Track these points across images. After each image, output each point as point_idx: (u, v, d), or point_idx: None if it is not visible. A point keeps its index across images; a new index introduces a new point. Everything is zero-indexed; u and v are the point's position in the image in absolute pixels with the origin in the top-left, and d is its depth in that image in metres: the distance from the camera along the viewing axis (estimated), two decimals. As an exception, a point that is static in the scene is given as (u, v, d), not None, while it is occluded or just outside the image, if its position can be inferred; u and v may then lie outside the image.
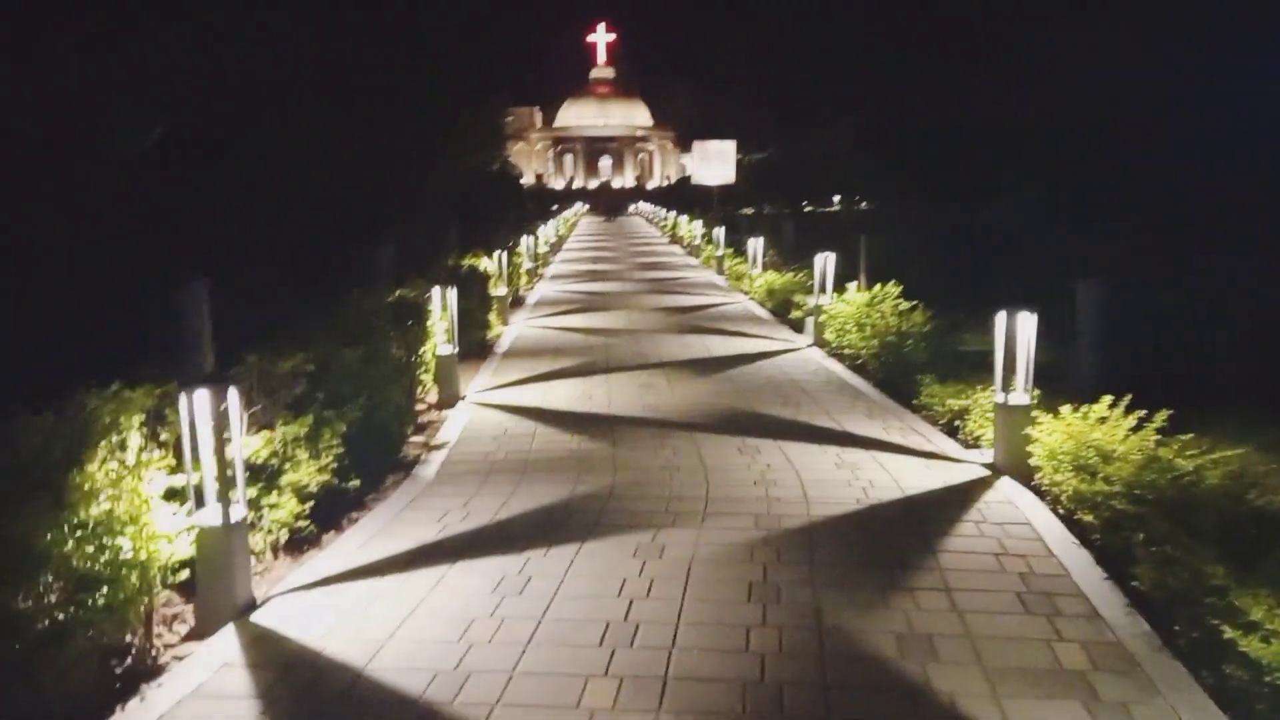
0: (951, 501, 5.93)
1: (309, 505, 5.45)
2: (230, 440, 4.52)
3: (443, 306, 9.32)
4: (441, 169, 31.47)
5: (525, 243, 22.06)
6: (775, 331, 13.42)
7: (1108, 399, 6.12)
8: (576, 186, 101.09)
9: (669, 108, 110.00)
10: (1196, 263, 11.16)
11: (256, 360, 5.69)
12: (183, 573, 4.54)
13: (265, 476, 5.33)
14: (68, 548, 3.80)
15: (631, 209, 74.01)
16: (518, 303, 17.54)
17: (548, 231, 31.25)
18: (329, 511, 5.83)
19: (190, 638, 4.38)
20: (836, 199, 58.78)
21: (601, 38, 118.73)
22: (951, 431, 7.59)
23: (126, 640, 4.10)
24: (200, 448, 4.39)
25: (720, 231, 23.21)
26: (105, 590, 3.87)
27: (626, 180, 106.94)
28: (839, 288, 12.01)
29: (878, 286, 10.96)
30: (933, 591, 4.57)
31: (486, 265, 15.58)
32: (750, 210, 47.38)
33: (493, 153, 55.93)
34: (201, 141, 16.51)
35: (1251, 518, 4.45)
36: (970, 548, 5.13)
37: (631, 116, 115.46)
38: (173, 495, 4.62)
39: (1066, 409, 6.16)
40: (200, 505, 4.47)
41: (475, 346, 12.16)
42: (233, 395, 4.50)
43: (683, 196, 58.91)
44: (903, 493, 6.09)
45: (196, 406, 4.37)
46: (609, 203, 68.15)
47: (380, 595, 4.65)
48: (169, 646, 4.29)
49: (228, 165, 16.05)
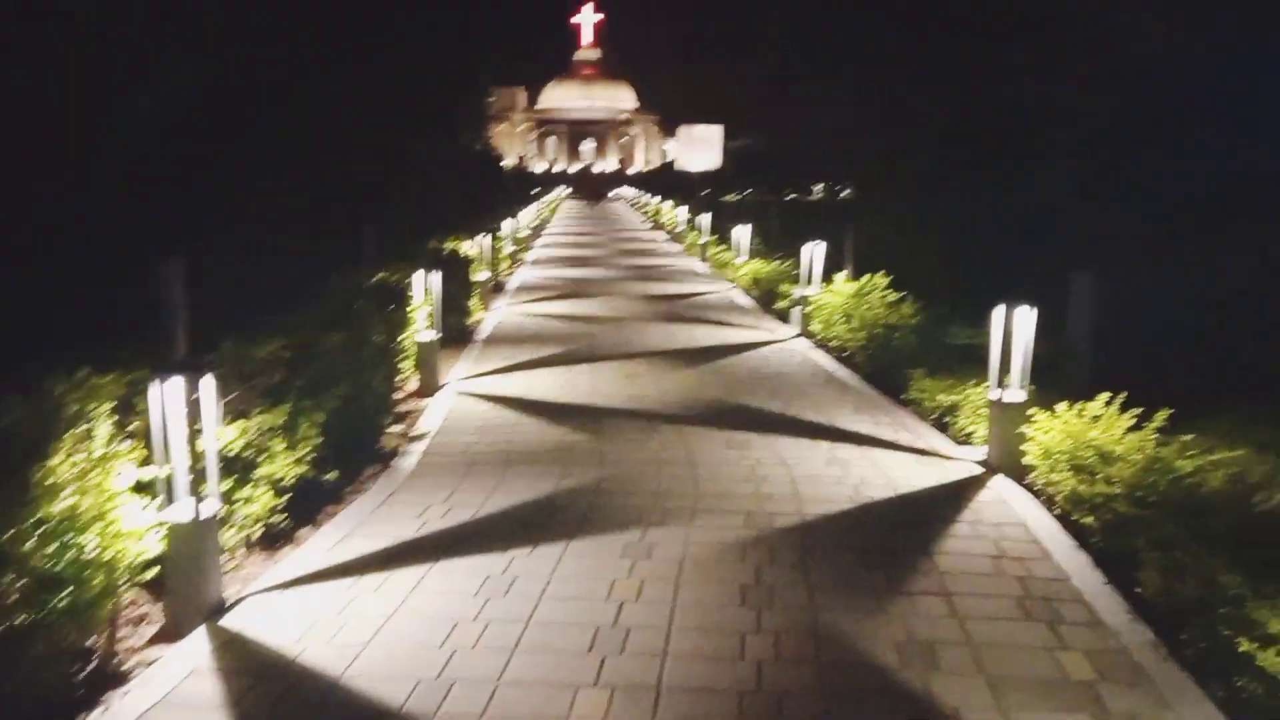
0: (945, 500, 5.80)
1: (284, 499, 5.25)
2: (203, 432, 4.33)
3: (425, 291, 9.11)
4: (425, 149, 31.14)
5: (507, 226, 21.80)
6: (761, 321, 13.27)
7: (1103, 396, 6.01)
8: (558, 170, 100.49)
9: (654, 91, 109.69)
10: (1199, 257, 11.07)
11: (232, 345, 5.48)
12: (151, 570, 4.34)
13: (239, 468, 5.13)
14: (29, 546, 3.60)
15: (613, 194, 73.67)
16: (498, 288, 17.31)
17: (529, 215, 30.98)
18: (305, 505, 5.63)
19: (158, 640, 4.18)
20: (818, 187, 58.75)
21: (588, 18, 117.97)
22: (942, 427, 7.47)
23: (89, 644, 3.91)
24: (172, 439, 4.19)
25: (705, 218, 23.02)
26: (68, 591, 3.67)
27: (609, 165, 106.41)
28: (826, 278, 11.87)
29: (865, 277, 10.82)
30: (931, 596, 4.43)
31: (468, 249, 15.36)
32: (735, 196, 47.19)
33: (475, 134, 55.54)
34: (186, 121, 16.20)
35: (1260, 523, 4.32)
36: (967, 550, 5.00)
37: (616, 99, 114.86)
38: (142, 489, 4.42)
39: (1062, 407, 6.03)
40: (171, 500, 4.27)
41: (456, 332, 11.94)
42: (208, 384, 4.29)
43: (666, 182, 58.72)
44: (895, 491, 5.95)
45: (169, 395, 4.16)
46: (591, 187, 67.76)
47: (358, 596, 4.47)
48: (135, 650, 4.09)
49: (211, 145, 15.74)
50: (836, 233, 12.76)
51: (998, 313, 6.36)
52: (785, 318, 13.04)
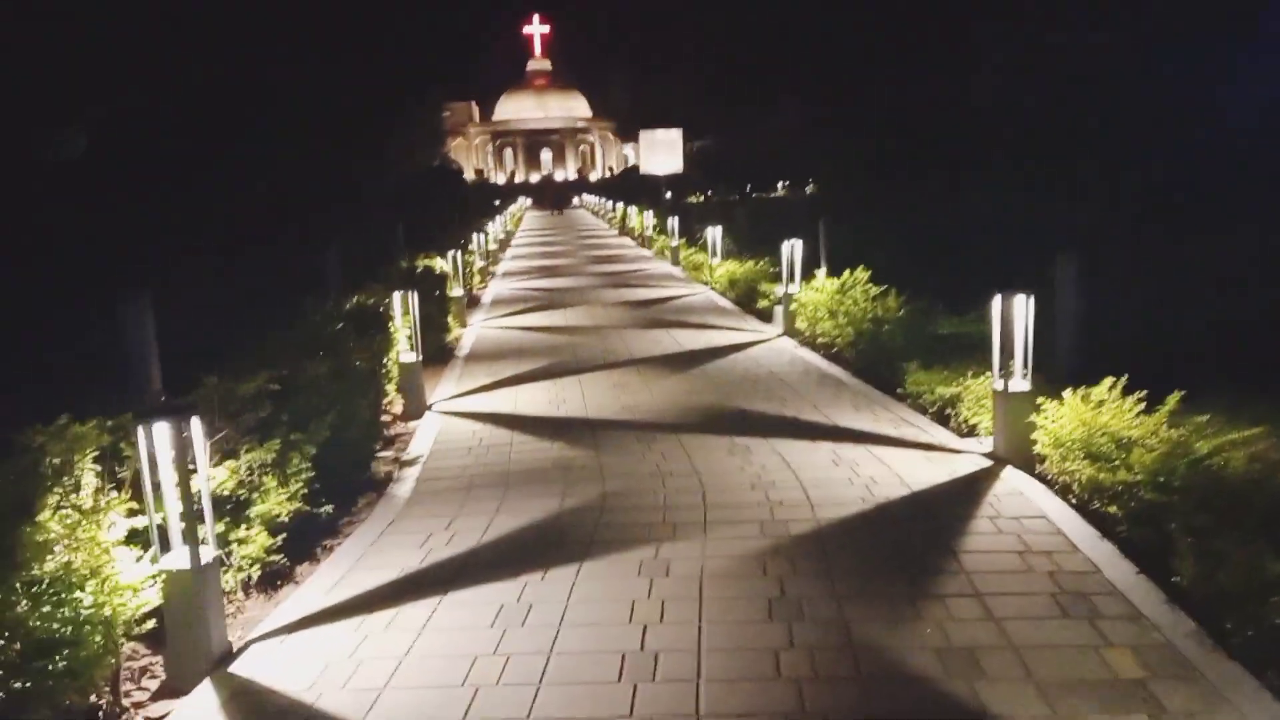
0: (959, 496, 5.68)
1: (281, 537, 5.04)
2: (195, 474, 4.12)
3: (404, 311, 8.90)
4: (381, 168, 30.82)
5: (477, 240, 21.56)
6: (743, 322, 13.14)
7: (1108, 381, 5.92)
8: (519, 180, 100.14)
9: (608, 98, 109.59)
10: (1175, 240, 11.09)
11: (216, 382, 5.25)
12: (149, 622, 4.12)
13: (232, 509, 4.91)
14: (22, 609, 3.38)
15: (576, 201, 73.42)
16: (473, 302, 17.08)
17: (496, 228, 30.73)
18: (302, 541, 5.42)
19: (161, 694, 3.96)
20: (781, 185, 58.85)
21: (537, 29, 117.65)
22: (943, 420, 7.36)
23: (93, 702, 3.69)
24: (162, 485, 3.97)
25: (674, 221, 22.91)
26: (66, 652, 3.45)
27: (569, 173, 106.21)
28: (806, 275, 11.77)
29: (846, 273, 10.73)
30: (963, 598, 4.30)
31: (441, 265, 15.13)
32: (699, 198, 47.13)
33: (432, 149, 55.16)
34: (134, 152, 15.87)
35: (1292, 503, 4.23)
36: (991, 546, 4.87)
37: (570, 108, 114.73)
38: (134, 537, 4.20)
39: (1069, 394, 5.94)
40: (166, 548, 4.05)
41: (435, 351, 11.71)
42: (195, 425, 4.08)
43: (627, 187, 58.54)
44: (908, 489, 5.82)
45: (156, 439, 3.95)
46: (553, 195, 67.37)
47: (369, 635, 4.26)
48: (139, 706, 3.87)
49: (160, 175, 15.41)
50: (806, 230, 12.68)
51: (996, 302, 6.26)
52: (768, 317, 12.93)
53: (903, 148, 19.71)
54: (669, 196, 48.43)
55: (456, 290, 14.71)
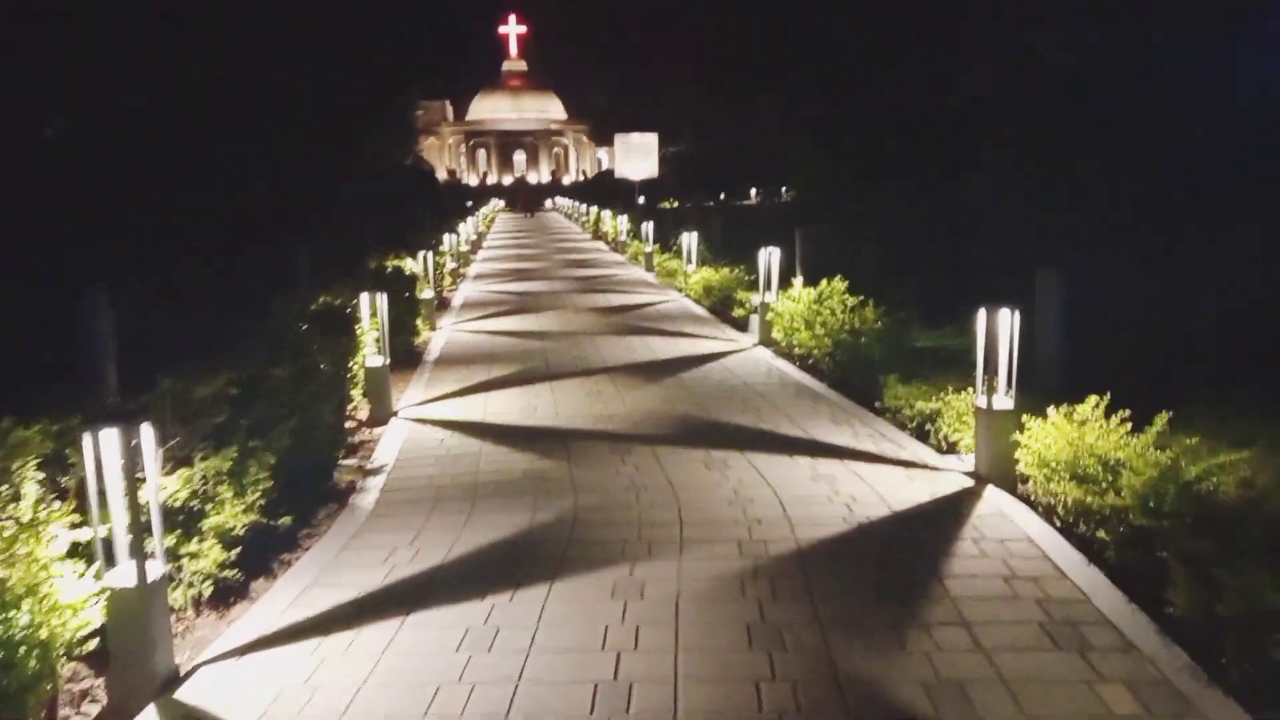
0: (942, 516, 5.52)
1: (235, 551, 4.78)
2: (145, 484, 3.87)
3: (371, 313, 8.64)
4: (354, 164, 30.44)
5: (448, 241, 21.28)
6: (718, 330, 12.97)
7: (1093, 399, 5.80)
8: (491, 182, 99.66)
9: (583, 101, 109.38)
10: (1161, 250, 11.03)
11: (171, 385, 4.99)
12: (92, 641, 3.87)
13: (184, 520, 4.66)
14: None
15: (549, 204, 73.11)
16: (443, 305, 16.79)
17: (468, 229, 30.42)
18: (257, 554, 5.17)
19: (102, 720, 3.72)
20: (755, 191, 58.86)
21: (513, 29, 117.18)
22: (922, 435, 7.22)
23: (26, 732, 3.44)
24: (109, 496, 3.72)
25: (649, 227, 22.73)
26: (-4, 679, 3.21)
27: (542, 175, 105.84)
28: (782, 284, 11.62)
29: (824, 282, 10.59)
30: (950, 626, 4.13)
31: (412, 266, 14.86)
32: (673, 203, 46.99)
33: (405, 148, 54.74)
34: (99, 139, 15.49)
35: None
36: (976, 570, 4.72)
37: (545, 110, 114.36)
38: (78, 551, 3.95)
39: (1053, 412, 5.81)
40: (111, 563, 3.80)
41: (404, 354, 11.46)
42: (146, 432, 3.84)
43: (602, 190, 58.35)
44: (889, 508, 5.66)
45: (103, 447, 3.70)
46: (526, 198, 66.96)
47: (326, 659, 4.03)
48: (77, 735, 3.63)
49: (126, 164, 15.04)
50: (781, 238, 12.55)
51: (980, 316, 6.12)
52: (743, 326, 12.77)
53: (881, 153, 19.62)
54: (643, 201, 48.34)
55: (427, 292, 14.45)
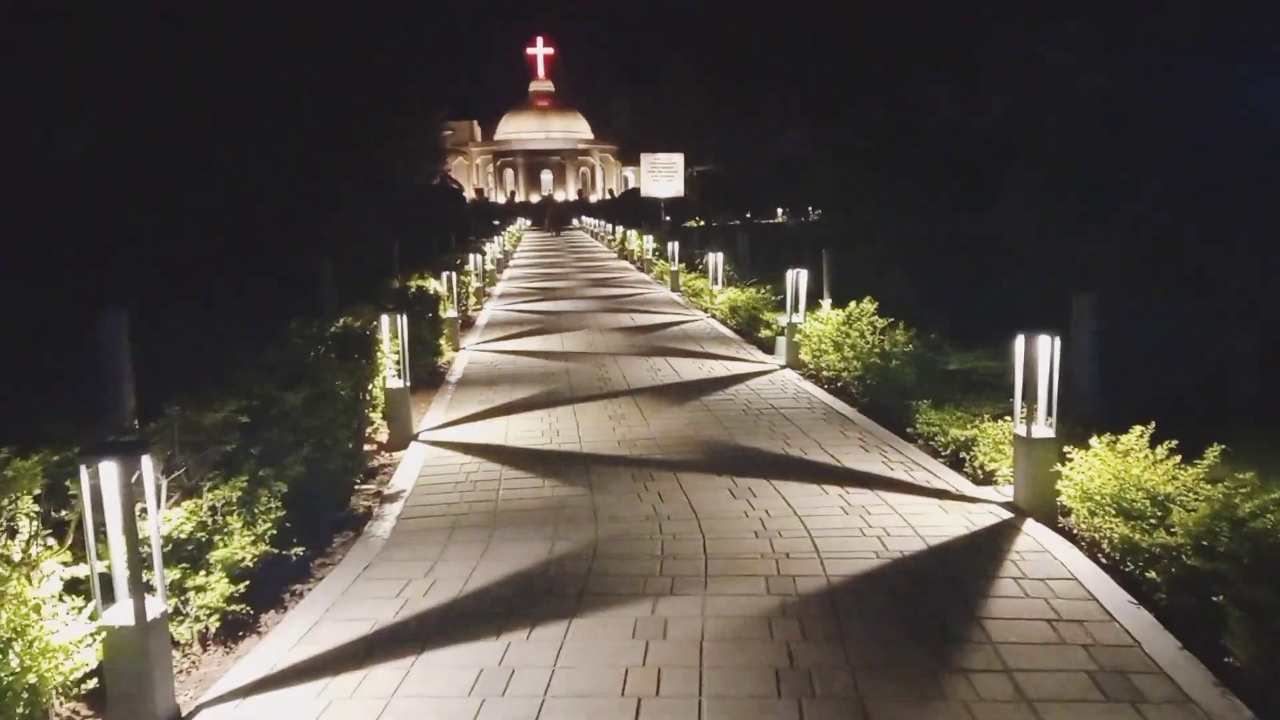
0: (980, 552, 5.27)
1: (243, 585, 4.61)
2: (146, 519, 3.71)
3: (392, 335, 8.49)
4: (381, 184, 30.54)
5: (473, 261, 21.18)
6: (744, 352, 12.75)
7: (1137, 429, 5.54)
8: (519, 200, 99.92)
9: (610, 121, 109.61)
10: (1204, 272, 10.74)
11: (178, 412, 4.84)
12: (92, 681, 3.71)
13: (190, 552, 4.50)
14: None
15: (575, 223, 73.17)
16: (467, 324, 16.68)
17: (494, 248, 30.37)
18: (268, 584, 5.01)
19: (98, 767, 3.54)
20: (781, 211, 58.66)
21: (540, 51, 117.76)
22: (957, 464, 6.96)
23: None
24: (108, 531, 3.56)
25: (674, 246, 22.56)
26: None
27: (569, 194, 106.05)
28: (810, 305, 11.40)
29: (852, 304, 10.35)
30: (991, 674, 3.88)
31: (436, 286, 14.75)
32: (699, 222, 46.87)
33: (433, 167, 54.99)
34: (126, 158, 15.53)
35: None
36: (1018, 612, 4.46)
37: (572, 129, 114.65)
38: (77, 587, 3.79)
39: (1096, 441, 5.55)
40: (109, 601, 3.64)
41: (426, 375, 11.33)
42: (147, 464, 3.68)
43: (627, 209, 58.30)
44: (924, 543, 5.41)
45: (102, 480, 3.54)
46: (553, 216, 67.00)
47: (333, 701, 3.84)
48: (71, 783, 3.45)
49: (153, 182, 15.05)
50: (809, 258, 12.32)
51: (1019, 342, 5.88)
52: (770, 347, 12.54)
53: (910, 172, 19.39)
54: (668, 220, 48.20)
55: (450, 312, 14.32)
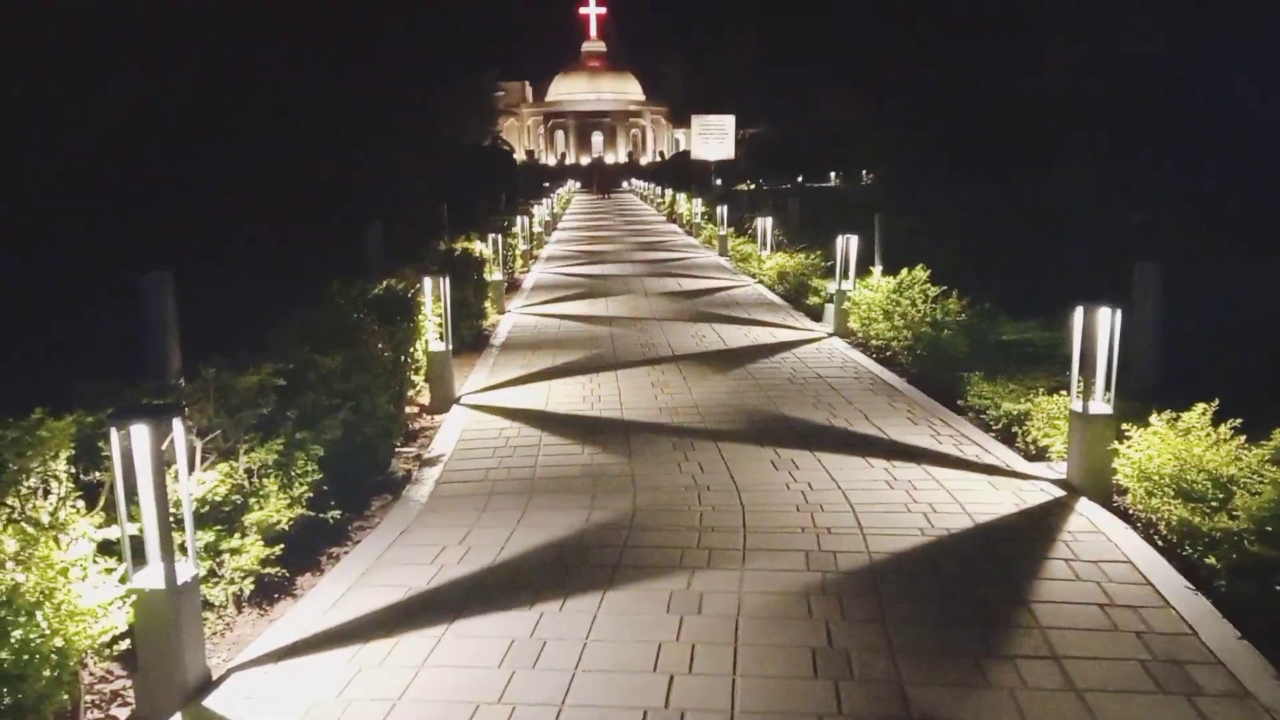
0: (1030, 531, 5.09)
1: (278, 547, 4.59)
2: (177, 482, 3.69)
3: (434, 298, 8.44)
4: (431, 144, 30.51)
5: (520, 223, 21.11)
6: (791, 319, 12.54)
7: (1200, 406, 5.31)
8: (569, 163, 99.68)
9: (661, 82, 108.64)
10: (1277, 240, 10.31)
11: (213, 375, 4.82)
12: (124, 642, 3.70)
13: (226, 515, 4.48)
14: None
15: (625, 185, 72.83)
16: (513, 287, 16.64)
17: (543, 210, 30.28)
18: (304, 547, 5.00)
19: (129, 727, 3.54)
20: (835, 175, 57.83)
21: (593, 10, 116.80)
22: (1008, 438, 6.76)
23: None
24: (140, 494, 3.53)
25: (724, 210, 22.28)
26: (9, 689, 3.03)
27: (619, 156, 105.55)
28: (860, 272, 11.15)
29: (904, 271, 10.10)
30: (1038, 660, 3.74)
31: (481, 249, 14.69)
32: (750, 185, 46.34)
33: (484, 128, 54.93)
34: (173, 115, 15.61)
35: None
36: (1068, 596, 4.30)
37: (624, 91, 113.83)
38: (110, 549, 3.78)
39: (1156, 419, 5.33)
40: (140, 563, 3.62)
41: (471, 337, 11.30)
42: (178, 426, 3.64)
43: (677, 172, 57.87)
44: (972, 520, 5.25)
45: (134, 442, 3.51)
46: (602, 179, 66.70)
47: (362, 669, 3.80)
48: (100, 743, 3.45)
49: (200, 141, 15.13)
50: (860, 224, 12.05)
51: (1077, 314, 5.65)
52: (818, 315, 12.32)
53: (965, 138, 18.88)
54: (719, 183, 47.73)
55: (496, 274, 14.27)
